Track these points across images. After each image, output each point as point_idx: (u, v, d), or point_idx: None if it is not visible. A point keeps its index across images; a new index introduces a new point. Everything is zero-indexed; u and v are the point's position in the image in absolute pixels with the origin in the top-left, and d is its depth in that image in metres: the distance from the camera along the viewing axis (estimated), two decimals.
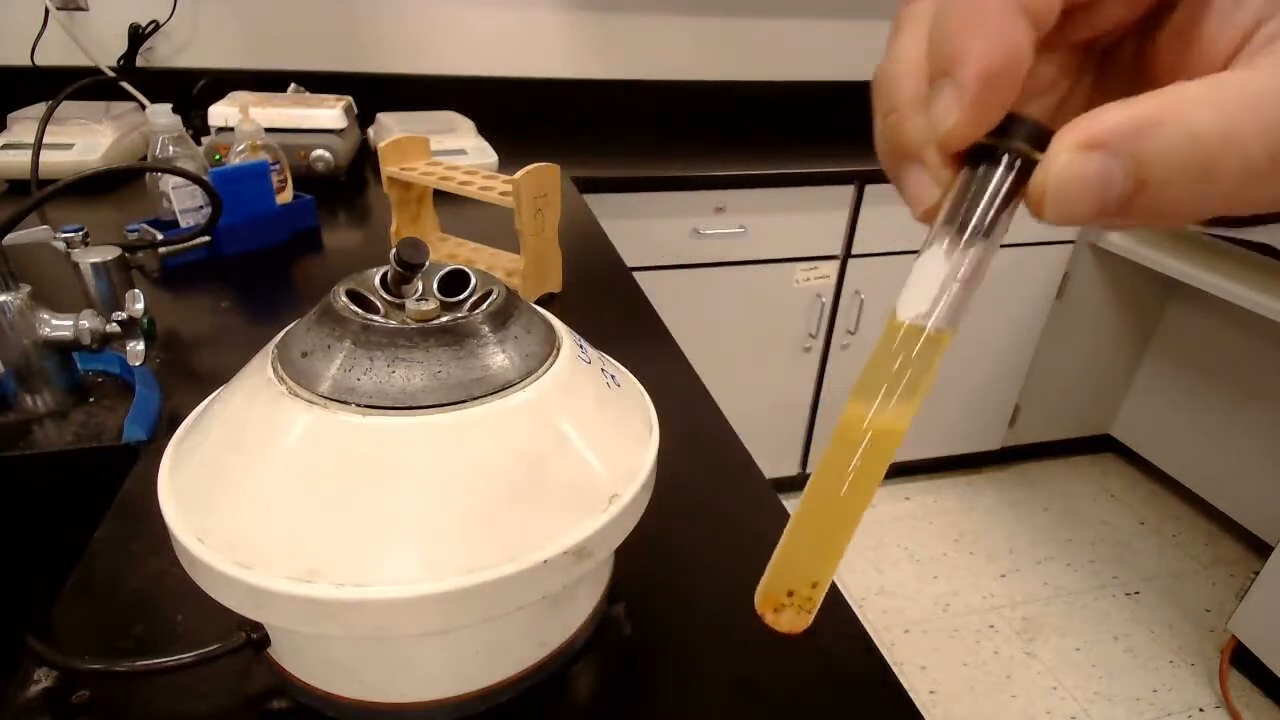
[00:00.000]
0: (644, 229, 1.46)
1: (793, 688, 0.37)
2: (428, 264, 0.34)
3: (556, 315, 0.39)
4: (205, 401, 0.36)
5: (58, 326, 0.55)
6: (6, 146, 1.08)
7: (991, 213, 0.18)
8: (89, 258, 0.65)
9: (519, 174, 0.72)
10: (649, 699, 0.37)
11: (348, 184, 1.21)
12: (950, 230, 0.18)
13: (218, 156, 1.05)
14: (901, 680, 0.37)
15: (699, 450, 0.56)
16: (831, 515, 0.22)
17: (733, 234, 1.51)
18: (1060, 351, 1.89)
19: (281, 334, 0.35)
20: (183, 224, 0.86)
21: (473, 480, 0.29)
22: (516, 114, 1.72)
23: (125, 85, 1.33)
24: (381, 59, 1.61)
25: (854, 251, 1.60)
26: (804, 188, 1.50)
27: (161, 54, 1.50)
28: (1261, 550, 1.74)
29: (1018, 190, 0.17)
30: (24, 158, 0.96)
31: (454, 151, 1.24)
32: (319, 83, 1.47)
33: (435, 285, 0.35)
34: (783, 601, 0.22)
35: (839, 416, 0.21)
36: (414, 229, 0.87)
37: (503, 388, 0.32)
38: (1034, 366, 1.89)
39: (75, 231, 0.69)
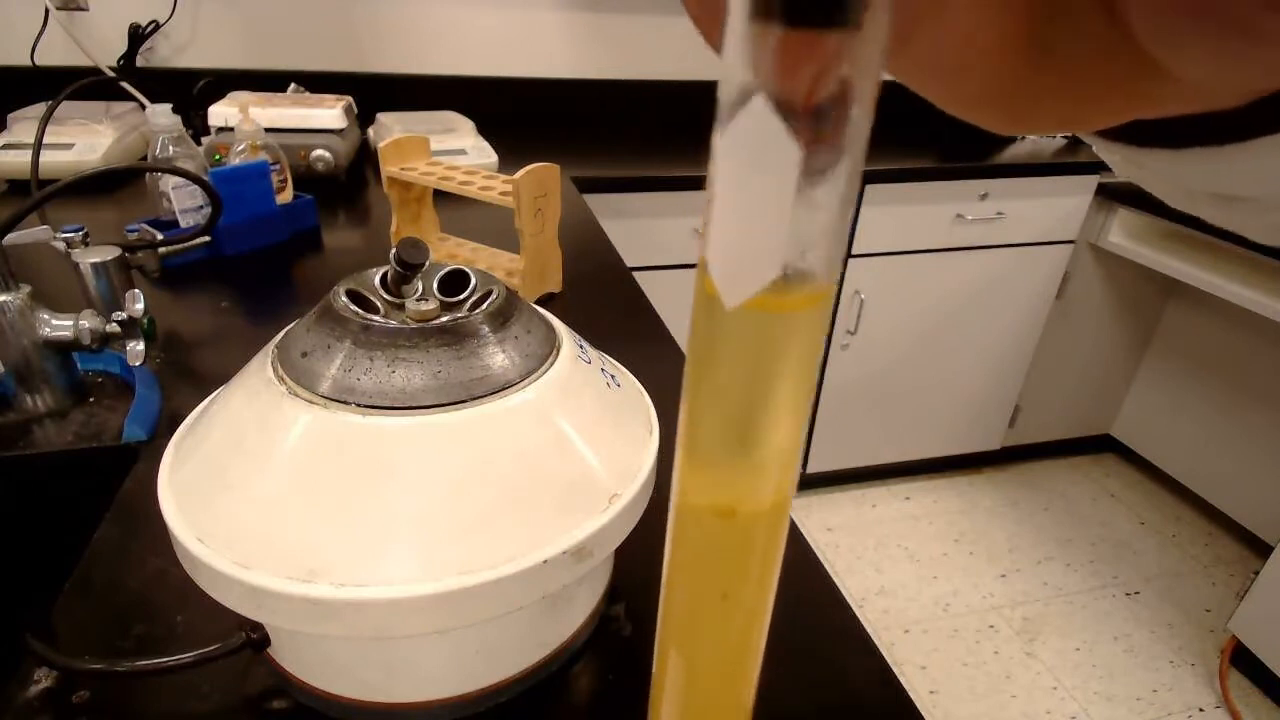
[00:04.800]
0: (644, 229, 1.46)
1: (792, 688, 0.37)
2: (428, 264, 0.34)
3: (556, 315, 0.39)
4: (205, 401, 0.36)
5: (58, 326, 0.55)
6: (6, 146, 1.08)
7: None
8: (89, 258, 0.65)
9: (519, 174, 0.72)
10: (649, 699, 0.36)
11: (348, 184, 1.21)
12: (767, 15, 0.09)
13: (218, 156, 1.05)
14: (901, 680, 0.37)
15: None
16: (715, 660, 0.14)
17: None
18: (1060, 351, 1.89)
19: (281, 334, 0.35)
20: (183, 224, 0.86)
21: (473, 480, 0.29)
22: (516, 114, 1.72)
23: (125, 85, 1.32)
24: (381, 59, 1.61)
25: (854, 251, 1.60)
26: None
27: (161, 54, 1.50)
28: (1261, 550, 1.74)
29: None
30: (24, 158, 0.96)
31: (454, 151, 1.24)
32: (319, 83, 1.47)
33: (435, 285, 0.35)
34: None
35: (675, 498, 0.13)
36: (414, 229, 0.87)
37: (503, 388, 0.32)
38: (1034, 366, 1.89)
39: (75, 231, 0.69)
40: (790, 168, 0.10)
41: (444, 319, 0.33)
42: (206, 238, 0.83)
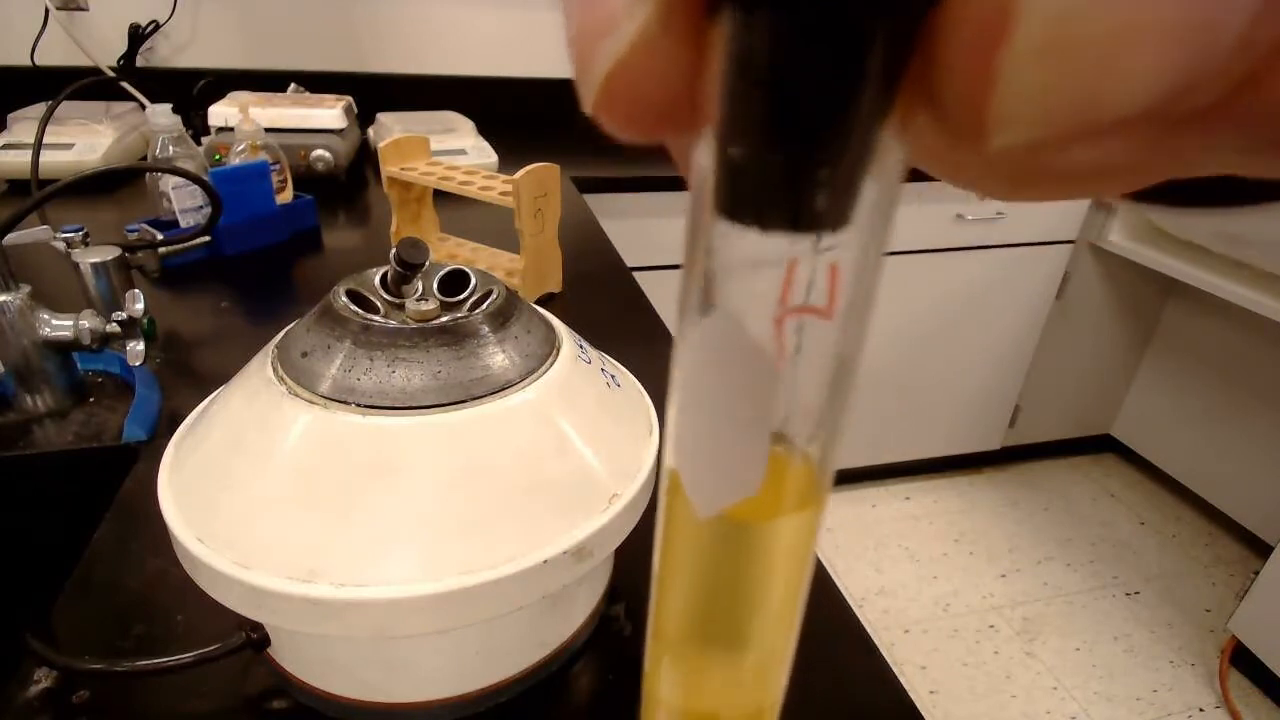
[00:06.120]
0: (644, 229, 1.46)
1: (792, 688, 0.37)
2: (428, 264, 0.34)
3: (556, 315, 0.39)
4: (205, 401, 0.36)
5: (58, 326, 0.55)
6: (6, 146, 1.08)
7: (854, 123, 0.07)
8: (89, 258, 0.65)
9: (519, 174, 0.72)
10: None
11: (348, 184, 1.21)
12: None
13: (218, 156, 1.05)
14: (901, 680, 0.37)
15: None
16: None
17: None
18: (1060, 351, 1.89)
19: (281, 334, 0.35)
20: (183, 224, 0.86)
21: (473, 480, 0.29)
22: (516, 114, 1.72)
23: (125, 85, 1.32)
24: (381, 59, 1.61)
25: None
26: None
27: (161, 54, 1.50)
28: (1261, 550, 1.74)
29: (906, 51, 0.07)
30: (24, 158, 0.96)
31: (454, 151, 1.24)
32: (319, 83, 1.47)
33: (435, 285, 0.35)
34: None
35: (647, 684, 0.11)
36: (414, 229, 0.87)
37: (503, 388, 0.32)
38: (1034, 366, 1.89)
39: (75, 231, 0.69)
40: (768, 385, 0.08)
41: (444, 319, 0.33)
42: (206, 238, 0.83)
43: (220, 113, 1.17)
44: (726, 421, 0.09)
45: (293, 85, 1.40)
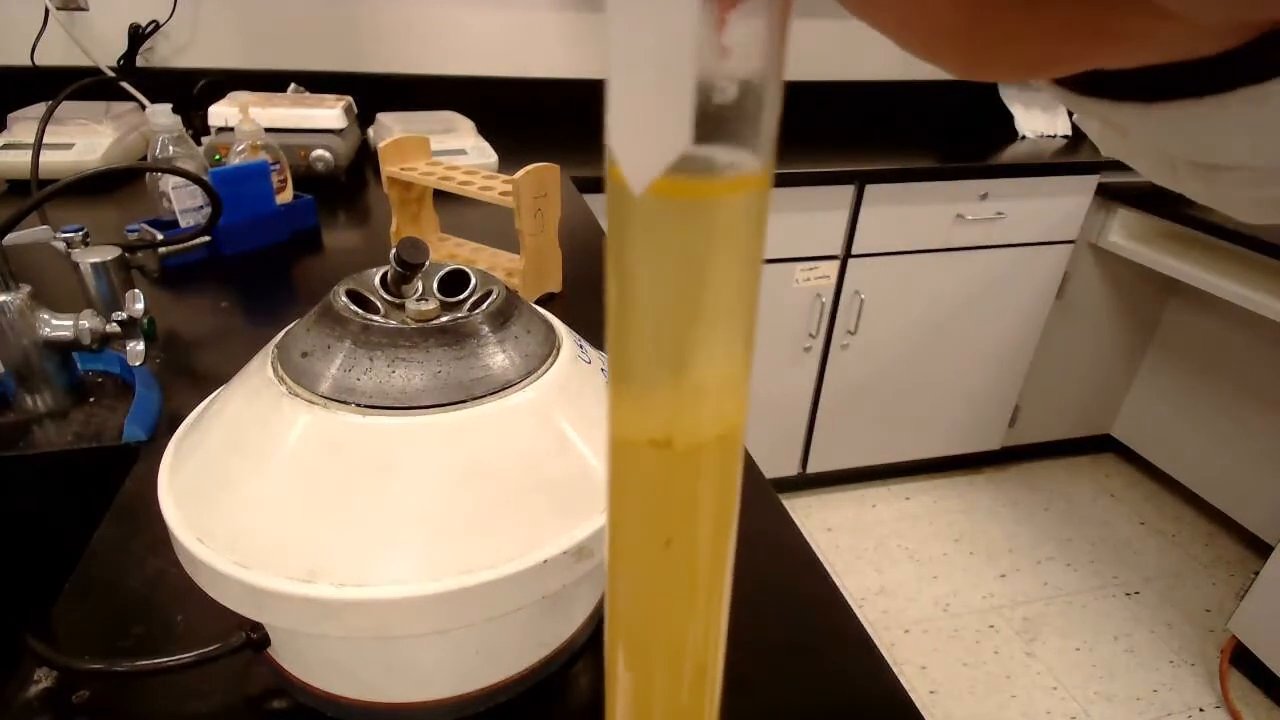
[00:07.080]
0: None
1: (792, 688, 0.37)
2: (428, 264, 0.34)
3: (556, 315, 0.39)
4: (205, 401, 0.36)
5: (58, 326, 0.55)
6: (6, 146, 1.08)
7: None
8: (89, 258, 0.65)
9: (519, 174, 0.72)
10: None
11: (348, 184, 1.21)
12: None
13: (218, 156, 1.05)
14: (901, 680, 0.37)
15: None
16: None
17: None
18: (1060, 351, 1.89)
19: (281, 334, 0.35)
20: (183, 224, 0.86)
21: (473, 480, 0.29)
22: (516, 114, 1.72)
23: (125, 85, 1.32)
24: (381, 59, 1.61)
25: (854, 251, 1.60)
26: (804, 188, 1.50)
27: (161, 54, 1.50)
28: (1261, 550, 1.74)
29: None
30: (24, 158, 0.96)
31: (454, 151, 1.24)
32: (319, 83, 1.47)
33: (435, 285, 0.35)
34: None
35: (609, 432, 0.11)
36: (414, 229, 0.87)
37: (503, 388, 0.32)
38: (1034, 366, 1.89)
39: (75, 231, 0.69)
40: (689, 8, 0.08)
41: (444, 319, 0.33)
42: (206, 238, 0.83)
43: (220, 113, 1.17)
44: (648, 70, 0.08)
45: (293, 85, 1.40)
